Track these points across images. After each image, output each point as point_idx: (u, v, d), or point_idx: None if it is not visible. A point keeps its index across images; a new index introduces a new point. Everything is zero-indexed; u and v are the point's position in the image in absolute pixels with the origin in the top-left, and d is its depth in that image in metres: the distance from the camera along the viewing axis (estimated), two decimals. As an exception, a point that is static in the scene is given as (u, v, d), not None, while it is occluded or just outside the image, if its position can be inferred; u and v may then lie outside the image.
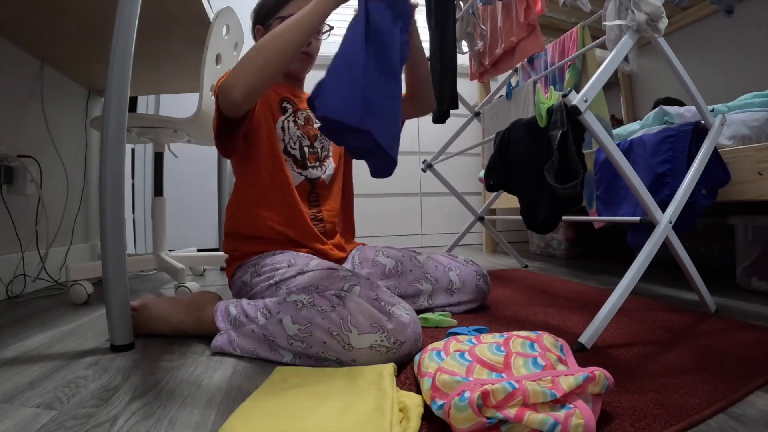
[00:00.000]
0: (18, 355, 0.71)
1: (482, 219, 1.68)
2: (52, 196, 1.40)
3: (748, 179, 0.94)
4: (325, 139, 0.99)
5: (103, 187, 0.70)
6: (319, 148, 0.98)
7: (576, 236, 1.89)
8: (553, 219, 0.83)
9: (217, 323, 0.72)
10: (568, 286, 1.21)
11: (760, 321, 0.81)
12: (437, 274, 0.92)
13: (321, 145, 0.99)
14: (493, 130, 1.36)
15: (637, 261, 0.74)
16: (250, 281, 0.84)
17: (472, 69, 1.64)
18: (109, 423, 0.47)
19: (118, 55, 0.71)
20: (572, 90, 0.70)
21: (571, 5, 1.09)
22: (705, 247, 1.42)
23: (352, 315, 0.61)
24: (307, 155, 0.96)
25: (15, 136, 1.23)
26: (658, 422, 0.44)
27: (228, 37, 1.25)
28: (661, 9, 0.74)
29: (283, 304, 0.67)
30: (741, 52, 1.69)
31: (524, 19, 1.25)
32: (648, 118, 1.20)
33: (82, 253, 1.59)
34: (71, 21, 1.13)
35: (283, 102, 0.96)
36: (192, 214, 2.25)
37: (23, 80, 1.29)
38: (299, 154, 0.94)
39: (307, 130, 0.97)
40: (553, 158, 0.72)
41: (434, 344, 0.56)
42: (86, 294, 1.10)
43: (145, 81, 1.64)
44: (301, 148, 0.95)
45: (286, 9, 0.93)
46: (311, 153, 0.96)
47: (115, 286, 0.70)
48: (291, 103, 0.97)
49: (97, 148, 1.69)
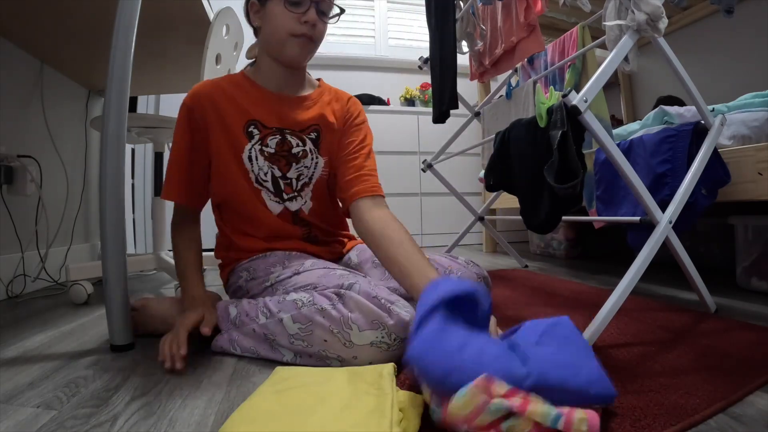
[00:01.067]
0: (18, 355, 0.71)
1: (482, 219, 1.68)
2: (52, 196, 1.40)
3: (748, 179, 0.94)
4: (303, 165, 0.85)
5: (103, 187, 0.70)
6: (293, 178, 0.85)
7: (576, 236, 1.89)
8: (553, 219, 0.83)
9: (218, 323, 0.72)
10: (568, 286, 1.21)
11: (760, 321, 0.81)
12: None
13: (297, 174, 0.85)
14: (493, 130, 1.36)
15: (637, 261, 0.74)
16: (245, 286, 0.81)
17: (472, 69, 1.64)
18: (109, 423, 0.47)
19: (118, 55, 0.71)
20: (572, 90, 0.70)
21: (571, 5, 1.08)
22: (705, 247, 1.42)
23: (352, 312, 0.61)
24: (282, 187, 0.84)
25: (15, 136, 1.23)
26: (658, 422, 0.44)
27: (228, 37, 1.25)
28: (661, 9, 0.74)
29: (283, 303, 0.67)
30: (741, 52, 1.69)
31: (524, 19, 1.25)
32: (648, 118, 1.20)
33: (82, 253, 1.59)
34: (71, 21, 1.13)
35: (249, 126, 0.82)
36: (192, 214, 2.24)
37: (23, 80, 1.29)
38: (272, 185, 0.84)
39: (277, 160, 0.83)
40: (553, 158, 0.72)
41: None
42: (86, 294, 1.10)
43: (145, 81, 1.64)
44: (274, 179, 0.83)
45: None
46: (286, 185, 0.84)
47: (115, 286, 0.70)
48: (258, 126, 0.82)
49: (97, 148, 1.69)
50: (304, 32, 0.77)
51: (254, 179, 0.82)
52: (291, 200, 0.85)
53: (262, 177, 0.83)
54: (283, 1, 0.75)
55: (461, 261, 0.88)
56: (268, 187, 0.83)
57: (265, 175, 0.83)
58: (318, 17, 0.78)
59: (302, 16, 0.76)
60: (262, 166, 0.82)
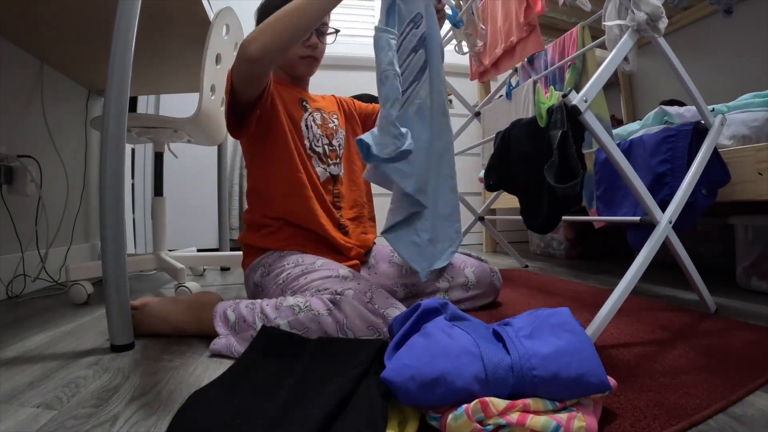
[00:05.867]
0: (18, 355, 0.71)
1: (482, 219, 1.68)
2: (52, 196, 1.40)
3: (748, 179, 0.94)
4: (341, 137, 1.03)
5: (103, 187, 0.70)
6: (337, 146, 1.01)
7: (576, 236, 1.89)
8: (553, 219, 0.83)
9: (217, 328, 0.72)
10: (568, 286, 1.21)
11: (759, 321, 0.81)
12: (453, 271, 0.94)
13: (338, 143, 1.02)
14: (493, 130, 1.36)
15: (637, 261, 0.74)
16: (261, 282, 0.86)
17: (472, 69, 1.64)
18: (109, 423, 0.47)
19: (118, 55, 0.71)
20: (572, 90, 0.70)
21: (571, 5, 1.08)
22: (705, 247, 1.42)
23: (348, 318, 0.62)
24: (328, 153, 0.99)
25: (15, 136, 1.23)
26: (658, 422, 0.44)
27: (228, 37, 1.25)
28: (661, 9, 0.74)
29: (281, 308, 0.67)
30: (741, 52, 1.69)
31: (524, 19, 1.25)
32: (648, 118, 1.20)
33: (82, 253, 1.59)
34: (71, 21, 1.13)
35: (302, 101, 0.98)
36: (192, 214, 2.25)
37: (23, 80, 1.29)
38: (322, 151, 0.97)
39: (325, 130, 1.00)
40: (553, 158, 0.72)
41: None
42: (86, 294, 1.10)
43: (145, 81, 1.64)
44: (323, 146, 0.98)
45: None
46: (331, 150, 0.99)
47: (115, 286, 0.70)
48: (308, 102, 1.00)
49: (97, 148, 1.69)
50: (309, 54, 0.96)
51: (308, 145, 0.95)
52: (335, 165, 1.00)
53: (315, 143, 0.96)
54: None
55: (474, 257, 0.99)
56: (319, 153, 0.97)
57: (318, 142, 0.97)
58: (318, 39, 0.96)
59: (306, 41, 0.93)
60: (316, 133, 0.97)
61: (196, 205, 2.25)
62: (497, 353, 0.44)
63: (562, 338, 0.45)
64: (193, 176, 2.23)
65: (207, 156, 2.09)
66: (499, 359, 0.43)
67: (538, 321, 0.50)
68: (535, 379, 0.41)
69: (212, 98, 1.23)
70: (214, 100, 1.25)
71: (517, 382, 0.42)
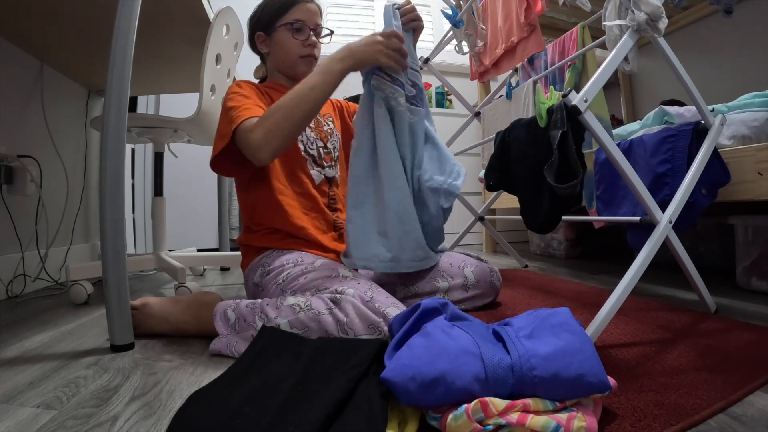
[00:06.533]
0: (18, 355, 0.71)
1: (482, 219, 1.68)
2: (52, 196, 1.40)
3: (748, 179, 0.94)
4: (336, 139, 1.03)
5: (103, 187, 0.70)
6: (332, 149, 1.01)
7: (576, 236, 1.89)
8: (553, 219, 0.83)
9: (217, 328, 0.72)
10: (568, 286, 1.21)
11: (760, 321, 0.81)
12: (453, 271, 0.94)
13: (333, 146, 1.02)
14: (493, 130, 1.36)
15: (637, 261, 0.74)
16: (261, 282, 0.86)
17: (473, 69, 1.64)
18: (109, 423, 0.47)
19: (118, 55, 0.71)
20: (572, 90, 0.70)
21: (571, 5, 1.08)
22: (705, 247, 1.42)
23: (348, 317, 0.62)
24: (323, 155, 0.99)
25: (15, 136, 1.23)
26: (658, 422, 0.44)
27: (228, 37, 1.25)
28: (661, 9, 0.74)
29: (281, 307, 0.67)
30: (741, 52, 1.69)
31: (524, 19, 1.25)
32: (648, 118, 1.20)
33: (82, 253, 1.59)
34: (71, 21, 1.13)
35: None
36: (192, 214, 2.25)
37: (23, 80, 1.29)
38: (317, 154, 0.98)
39: (319, 132, 1.00)
40: (553, 158, 0.72)
41: None
42: (86, 294, 1.10)
43: (145, 81, 1.64)
44: (318, 149, 0.98)
45: (290, 14, 0.94)
46: (326, 153, 1.00)
47: (115, 286, 0.70)
48: None
49: (97, 148, 1.69)
50: (309, 53, 0.97)
51: (303, 148, 0.95)
52: (330, 167, 1.00)
53: (309, 146, 0.96)
54: (289, 31, 0.94)
55: (474, 256, 1.00)
56: (313, 155, 0.97)
57: (312, 145, 0.97)
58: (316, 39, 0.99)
59: (305, 41, 0.96)
60: (310, 137, 0.97)
61: (196, 205, 2.25)
62: (497, 353, 0.44)
63: (562, 338, 0.45)
64: (193, 176, 2.23)
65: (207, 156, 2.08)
66: (499, 359, 0.43)
67: (538, 321, 0.50)
68: (535, 379, 0.41)
69: (212, 98, 1.23)
70: (214, 100, 1.25)
71: (517, 382, 0.42)
